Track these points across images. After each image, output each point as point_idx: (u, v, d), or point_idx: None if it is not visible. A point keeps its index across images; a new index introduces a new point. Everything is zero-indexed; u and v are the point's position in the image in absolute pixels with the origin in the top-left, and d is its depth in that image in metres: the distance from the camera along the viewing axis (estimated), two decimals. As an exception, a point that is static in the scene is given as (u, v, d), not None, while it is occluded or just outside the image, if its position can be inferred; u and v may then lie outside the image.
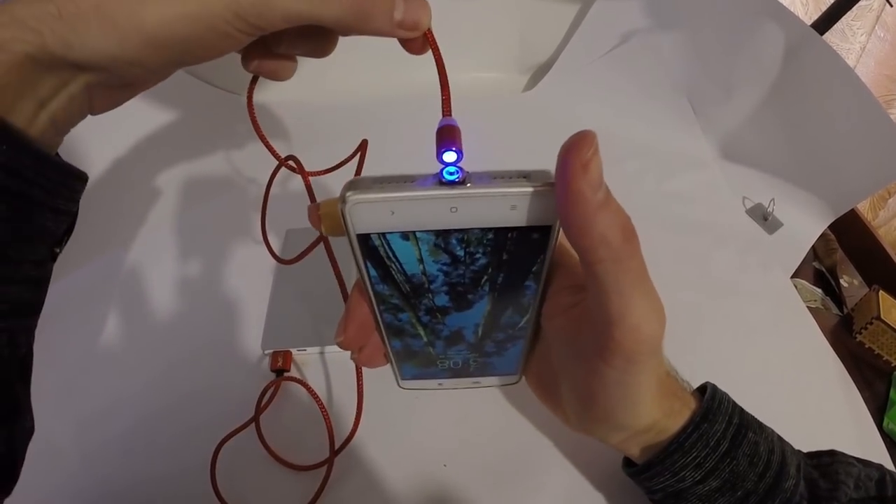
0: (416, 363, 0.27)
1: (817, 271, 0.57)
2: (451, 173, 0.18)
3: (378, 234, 0.19)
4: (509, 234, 0.19)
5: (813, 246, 0.56)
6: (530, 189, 0.18)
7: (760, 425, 0.29)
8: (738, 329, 0.47)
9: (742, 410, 0.30)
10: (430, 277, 0.21)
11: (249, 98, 0.29)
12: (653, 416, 0.26)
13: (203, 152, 0.59)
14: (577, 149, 0.17)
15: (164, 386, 0.42)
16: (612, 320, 0.20)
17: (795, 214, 0.57)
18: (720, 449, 0.27)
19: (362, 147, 0.37)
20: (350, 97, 0.66)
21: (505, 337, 0.25)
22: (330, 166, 0.37)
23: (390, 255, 0.20)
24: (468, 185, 0.18)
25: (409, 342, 0.25)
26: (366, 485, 0.37)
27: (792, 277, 0.54)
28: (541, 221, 0.19)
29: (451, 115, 0.20)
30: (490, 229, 0.19)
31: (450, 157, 0.18)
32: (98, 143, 0.54)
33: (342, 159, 0.38)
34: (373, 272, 0.21)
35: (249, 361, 0.43)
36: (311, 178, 0.36)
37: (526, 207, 0.18)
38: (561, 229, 0.19)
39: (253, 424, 0.38)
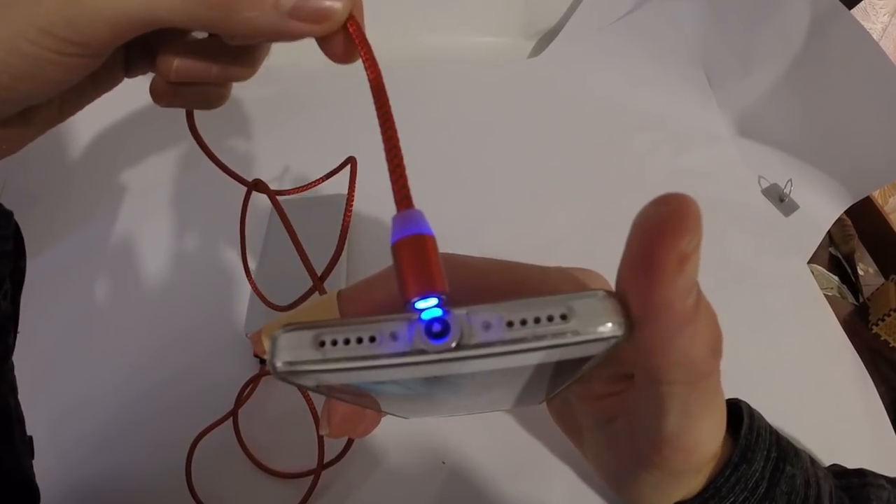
0: (422, 415, 0.23)
1: (833, 257, 0.55)
2: (435, 334, 0.11)
3: (340, 384, 0.14)
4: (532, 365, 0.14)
5: (828, 231, 0.54)
6: (573, 339, 0.12)
7: (796, 451, 0.27)
8: (753, 314, 0.45)
9: (778, 436, 0.26)
10: (424, 395, 0.16)
11: (193, 130, 0.23)
12: (687, 490, 0.23)
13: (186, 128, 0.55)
14: (673, 235, 0.12)
15: (141, 373, 0.39)
16: (665, 439, 0.16)
17: (812, 197, 0.54)
18: (759, 491, 0.24)
19: (352, 168, 0.30)
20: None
21: (525, 396, 0.21)
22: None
23: (365, 389, 0.15)
24: (469, 346, 0.11)
25: (411, 409, 0.21)
26: (359, 482, 0.34)
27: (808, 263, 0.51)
28: (580, 355, 0.13)
29: (410, 204, 0.12)
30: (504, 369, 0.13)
31: (426, 304, 0.12)
32: (79, 117, 0.50)
33: (328, 171, 0.31)
34: (346, 396, 0.16)
35: (232, 346, 0.40)
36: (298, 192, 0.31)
37: (560, 352, 0.12)
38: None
39: (230, 420, 0.35)
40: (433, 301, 0.12)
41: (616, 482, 0.21)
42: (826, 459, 0.31)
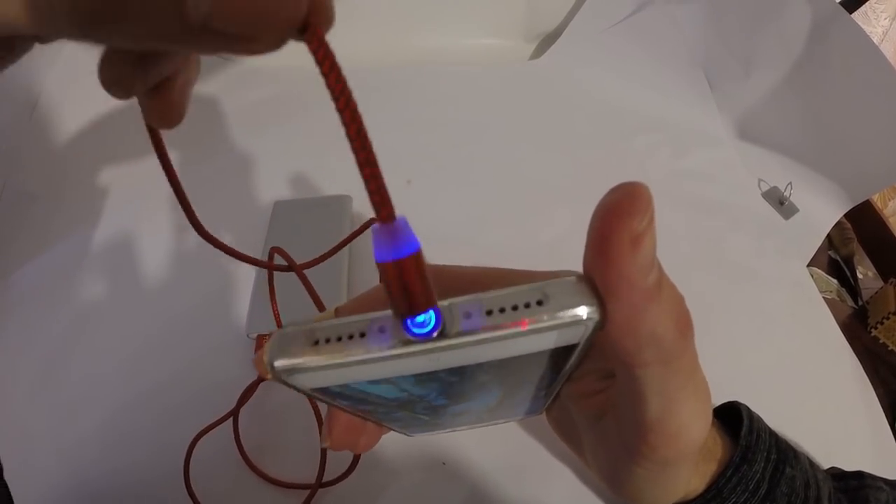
0: (423, 429, 0.23)
1: (832, 260, 0.55)
2: (422, 331, 0.12)
3: (337, 385, 0.14)
4: (517, 358, 0.14)
5: (828, 234, 0.54)
6: (550, 323, 0.12)
7: (795, 453, 0.27)
8: (752, 316, 0.45)
9: (777, 438, 0.27)
10: (420, 396, 0.16)
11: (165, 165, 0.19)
12: (687, 490, 0.23)
13: (189, 122, 0.54)
14: (625, 216, 0.12)
15: (141, 374, 0.38)
16: (648, 425, 0.15)
17: (812, 200, 0.54)
18: (759, 492, 0.24)
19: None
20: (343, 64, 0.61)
21: (521, 402, 0.21)
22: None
23: (362, 393, 0.15)
24: (451, 335, 0.12)
25: (411, 422, 0.21)
26: (358, 484, 0.34)
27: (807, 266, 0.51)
28: (562, 343, 0.13)
29: (392, 215, 0.11)
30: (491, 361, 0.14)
31: (420, 320, 0.12)
32: (75, 109, 0.50)
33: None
34: (345, 403, 0.16)
35: (232, 346, 0.40)
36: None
37: (542, 340, 0.13)
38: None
39: (230, 420, 0.35)
40: (427, 316, 0.12)
41: (613, 482, 0.21)
42: (825, 462, 0.31)
